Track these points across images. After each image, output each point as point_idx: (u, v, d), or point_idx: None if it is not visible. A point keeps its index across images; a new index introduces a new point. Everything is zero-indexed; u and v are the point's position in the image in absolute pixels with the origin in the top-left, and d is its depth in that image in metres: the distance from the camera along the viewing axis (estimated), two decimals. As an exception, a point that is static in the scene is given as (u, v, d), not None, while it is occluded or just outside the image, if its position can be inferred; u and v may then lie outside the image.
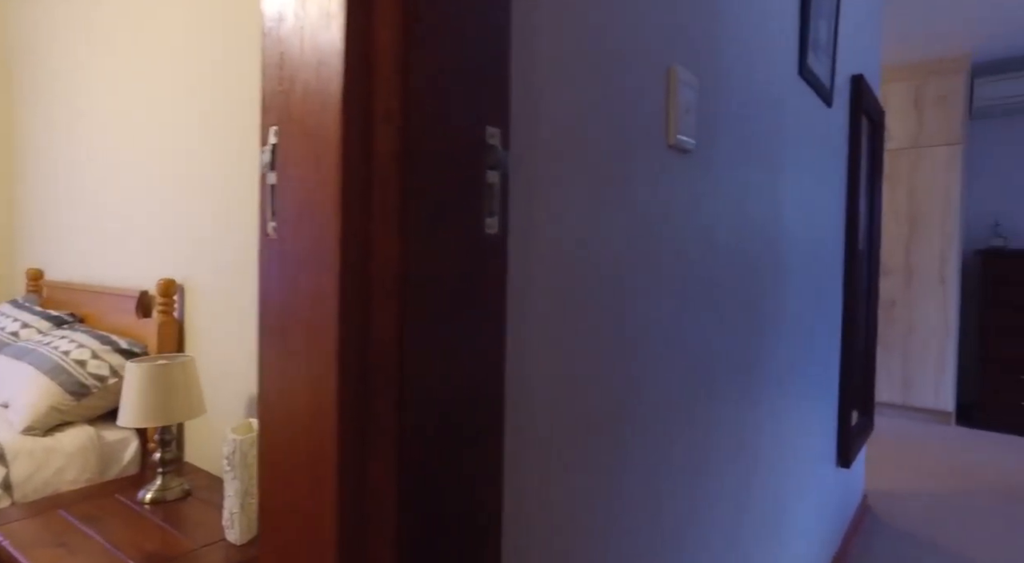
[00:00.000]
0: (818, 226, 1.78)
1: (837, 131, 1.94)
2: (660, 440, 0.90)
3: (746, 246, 1.23)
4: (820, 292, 1.82)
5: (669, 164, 0.88)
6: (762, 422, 1.36)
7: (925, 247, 3.95)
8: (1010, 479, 2.98)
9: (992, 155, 4.20)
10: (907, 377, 4.01)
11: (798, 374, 1.65)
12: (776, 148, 1.37)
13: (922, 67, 3.96)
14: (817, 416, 1.88)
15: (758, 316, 1.30)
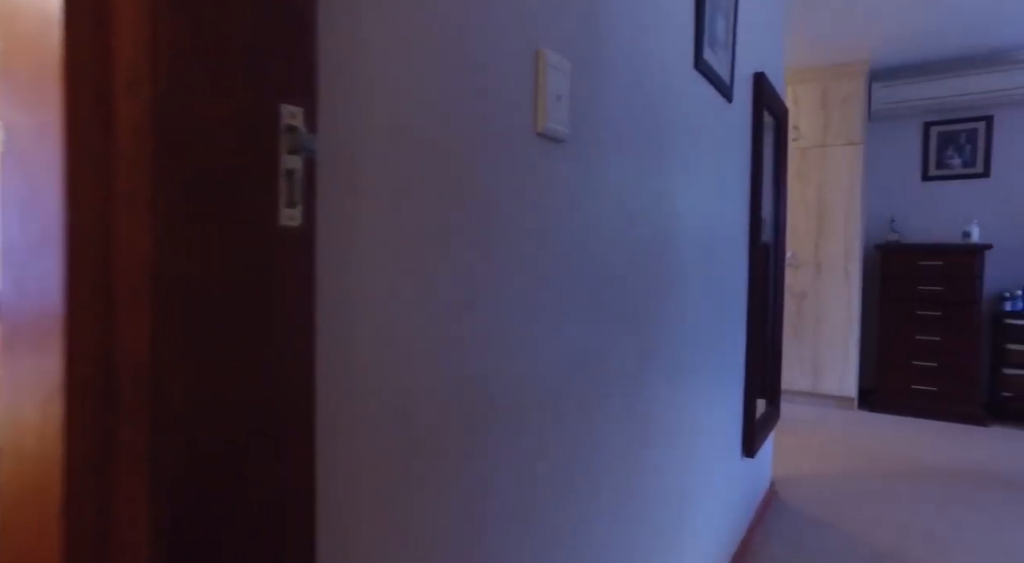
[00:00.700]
0: (720, 220, 1.80)
1: (739, 126, 1.97)
2: (533, 448, 0.86)
3: (637, 242, 1.20)
4: (723, 286, 1.84)
5: (540, 154, 0.83)
6: (659, 419, 1.35)
7: (832, 241, 4.14)
8: (904, 459, 3.16)
9: (888, 155, 4.44)
10: (816, 366, 4.20)
11: (701, 369, 1.66)
12: (671, 141, 1.36)
13: (828, 71, 4.14)
14: (722, 409, 1.90)
15: (651, 313, 1.28)
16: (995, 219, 4.06)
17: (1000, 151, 4.11)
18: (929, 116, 4.29)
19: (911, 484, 2.85)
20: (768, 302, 2.59)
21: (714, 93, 1.65)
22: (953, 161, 4.25)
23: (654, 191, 1.28)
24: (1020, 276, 4.00)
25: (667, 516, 1.43)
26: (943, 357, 3.89)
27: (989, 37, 3.79)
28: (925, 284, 3.94)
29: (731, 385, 2.01)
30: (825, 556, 2.18)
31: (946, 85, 4.08)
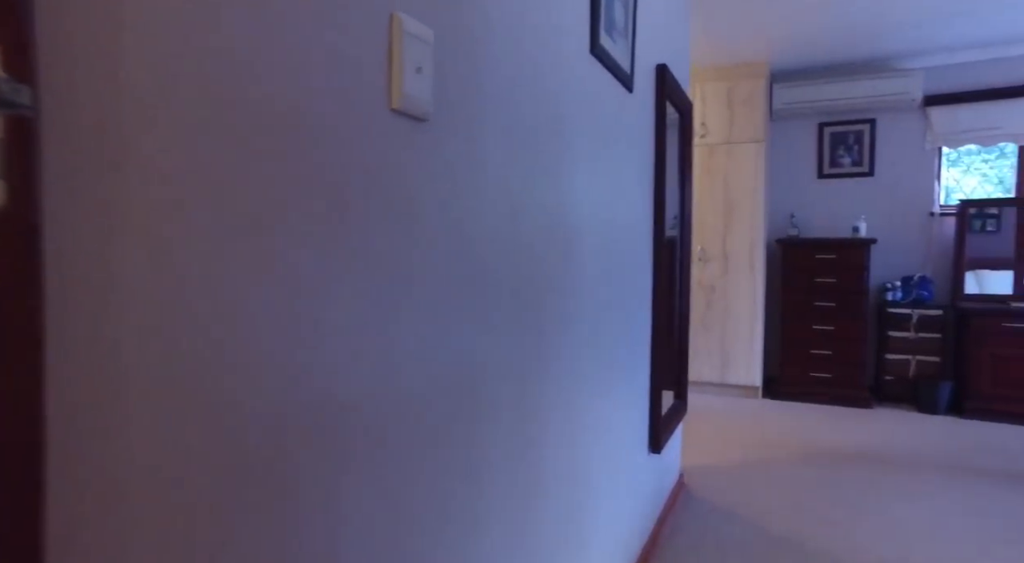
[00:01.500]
0: (623, 214, 1.76)
1: (642, 118, 1.94)
2: (401, 474, 0.75)
3: (528, 236, 1.12)
4: (627, 281, 1.80)
5: (396, 133, 0.73)
6: (559, 422, 1.28)
7: (738, 236, 4.27)
8: (802, 444, 3.29)
9: (788, 153, 4.64)
10: (725, 357, 4.33)
11: (604, 367, 1.61)
12: (567, 129, 1.29)
13: (732, 70, 4.26)
14: (627, 407, 1.87)
15: (547, 312, 1.21)
16: (879, 215, 4.32)
17: (882, 152, 4.38)
18: (823, 117, 4.52)
19: (809, 468, 2.96)
20: (675, 296, 2.61)
21: (613, 81, 1.60)
22: (843, 160, 4.49)
23: (547, 181, 1.20)
24: (900, 268, 4.28)
25: (570, 521, 1.36)
26: (837, 345, 4.11)
27: (872, 46, 4.02)
28: (821, 276, 4.14)
29: (637, 382, 1.99)
30: (730, 545, 2.21)
31: (836, 89, 4.30)
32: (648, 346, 2.12)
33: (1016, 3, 3.33)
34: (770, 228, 4.56)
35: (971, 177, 4.40)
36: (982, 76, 4.09)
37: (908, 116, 4.30)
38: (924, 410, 3.90)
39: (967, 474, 2.88)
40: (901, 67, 4.25)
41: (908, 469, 2.95)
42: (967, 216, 4.06)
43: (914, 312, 4.02)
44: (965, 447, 3.27)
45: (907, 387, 4.04)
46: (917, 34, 3.83)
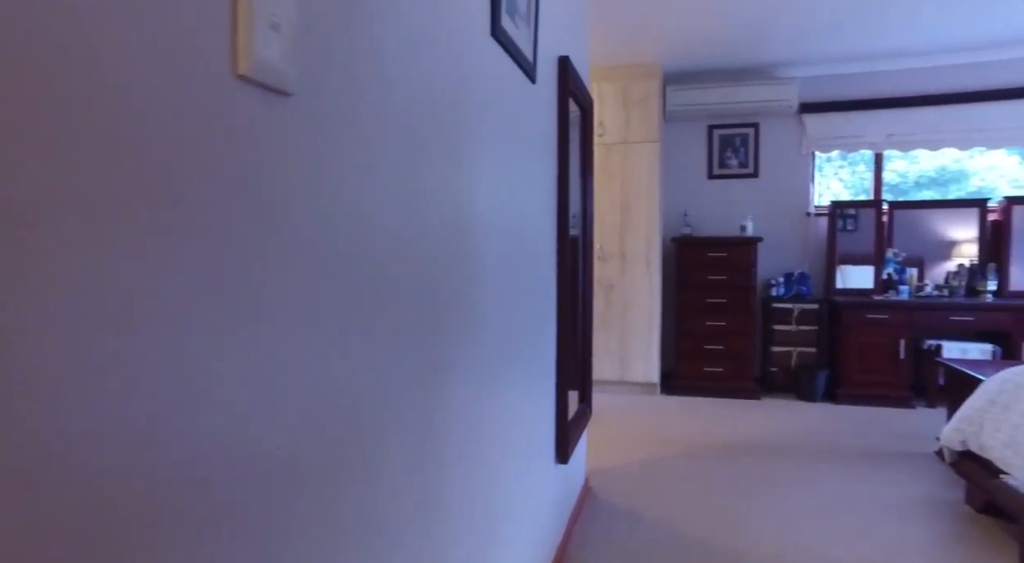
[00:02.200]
0: (527, 211, 1.64)
1: (545, 111, 1.83)
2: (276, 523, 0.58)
3: (425, 234, 0.97)
4: (531, 282, 1.69)
5: (246, 108, 0.55)
6: (461, 440, 1.14)
7: (635, 234, 4.32)
8: (699, 438, 3.37)
9: (681, 153, 4.78)
10: (624, 355, 4.37)
11: (508, 376, 1.48)
12: (468, 117, 1.15)
13: (627, 70, 4.30)
14: (533, 416, 1.76)
15: (448, 321, 1.06)
16: (763, 214, 4.55)
17: (765, 155, 4.62)
18: (712, 120, 4.68)
19: (707, 462, 3.02)
20: (579, 296, 2.55)
21: (516, 70, 1.48)
22: (731, 162, 4.69)
23: (450, 176, 1.05)
24: (782, 265, 4.53)
25: (474, 542, 1.23)
26: (728, 340, 4.27)
27: (756, 54, 4.21)
28: (713, 274, 4.28)
29: (542, 389, 1.89)
30: (639, 550, 2.18)
31: (724, 93, 4.47)
32: (553, 351, 2.03)
33: (880, 25, 3.59)
34: (665, 227, 4.67)
35: (832, 180, 4.74)
36: (849, 88, 4.40)
37: (786, 121, 4.55)
38: (804, 398, 4.15)
39: (844, 457, 3.06)
40: (781, 75, 4.49)
41: (795, 456, 3.09)
42: (837, 216, 4.36)
43: (795, 306, 4.26)
44: (840, 431, 3.49)
45: (790, 377, 4.28)
46: (795, 46, 4.05)
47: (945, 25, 3.68)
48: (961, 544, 2.20)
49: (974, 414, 2.35)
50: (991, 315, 3.89)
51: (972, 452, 2.37)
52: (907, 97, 4.28)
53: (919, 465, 2.97)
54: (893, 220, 4.34)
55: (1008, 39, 3.95)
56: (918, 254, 4.30)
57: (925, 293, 4.13)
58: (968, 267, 4.13)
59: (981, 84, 4.19)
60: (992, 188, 4.51)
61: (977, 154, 4.56)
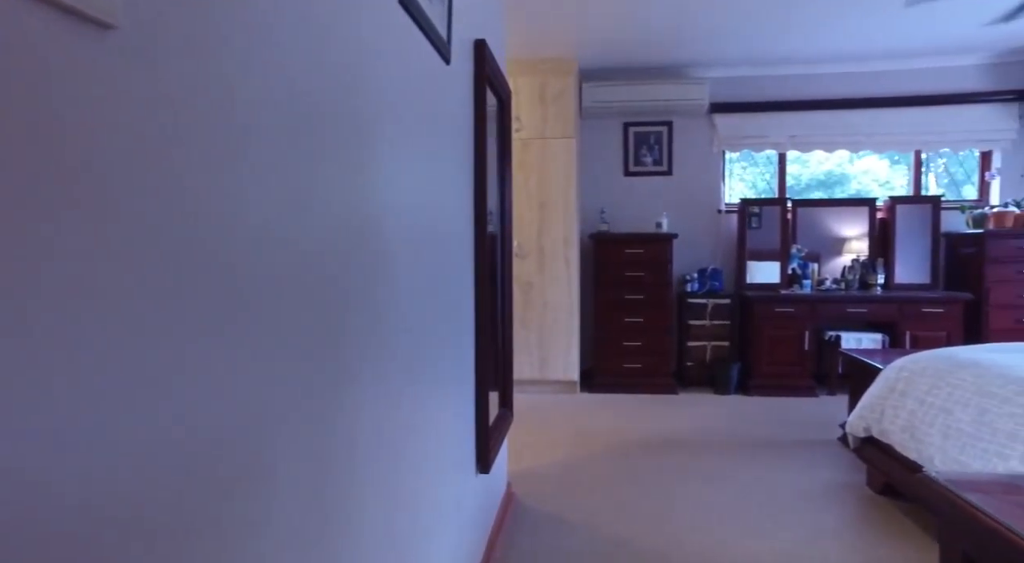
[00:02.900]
0: (443, 206, 1.51)
1: (460, 98, 1.70)
2: None
3: (320, 236, 0.82)
4: (447, 284, 1.56)
5: (49, 43, 0.39)
6: (369, 462, 0.99)
7: (553, 231, 4.28)
8: (619, 436, 3.36)
9: (597, 150, 4.79)
10: (543, 353, 4.32)
11: (421, 385, 1.35)
12: (370, 94, 1.00)
13: (544, 65, 4.24)
14: (451, 426, 1.63)
15: (348, 329, 0.92)
16: (678, 211, 4.63)
17: (678, 153, 4.71)
18: (627, 117, 4.72)
19: (628, 461, 3.00)
20: (498, 296, 2.44)
21: (428, 46, 1.34)
22: (646, 159, 4.75)
23: (349, 164, 0.91)
24: (696, 261, 4.64)
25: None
26: (646, 336, 4.31)
27: (669, 53, 4.26)
28: (631, 270, 4.31)
29: (462, 395, 1.76)
30: (563, 557, 2.10)
31: (639, 90, 4.51)
32: (473, 354, 1.90)
33: (784, 32, 3.72)
34: (583, 224, 4.66)
35: (735, 181, 4.92)
36: (756, 90, 4.56)
37: (698, 121, 4.65)
38: (719, 391, 4.25)
39: (757, 448, 3.14)
40: (693, 75, 4.58)
41: (711, 450, 3.13)
42: (746, 213, 4.51)
43: (709, 301, 4.36)
44: (752, 422, 3.59)
45: (705, 371, 4.38)
46: (707, 47, 4.14)
47: (842, 35, 3.87)
48: (867, 527, 2.28)
49: (875, 402, 2.45)
50: (880, 306, 4.14)
51: (874, 438, 2.47)
52: (808, 101, 4.49)
53: (825, 452, 3.09)
54: (797, 218, 4.54)
55: (899, 51, 4.21)
56: (815, 250, 4.52)
57: (825, 287, 4.34)
58: (860, 262, 4.39)
59: (872, 91, 4.45)
60: (868, 190, 4.85)
61: (856, 159, 4.89)
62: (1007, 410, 1.84)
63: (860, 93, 4.46)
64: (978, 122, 4.37)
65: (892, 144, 4.51)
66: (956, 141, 4.44)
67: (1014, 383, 1.91)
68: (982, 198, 4.57)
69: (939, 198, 4.39)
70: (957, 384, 2.07)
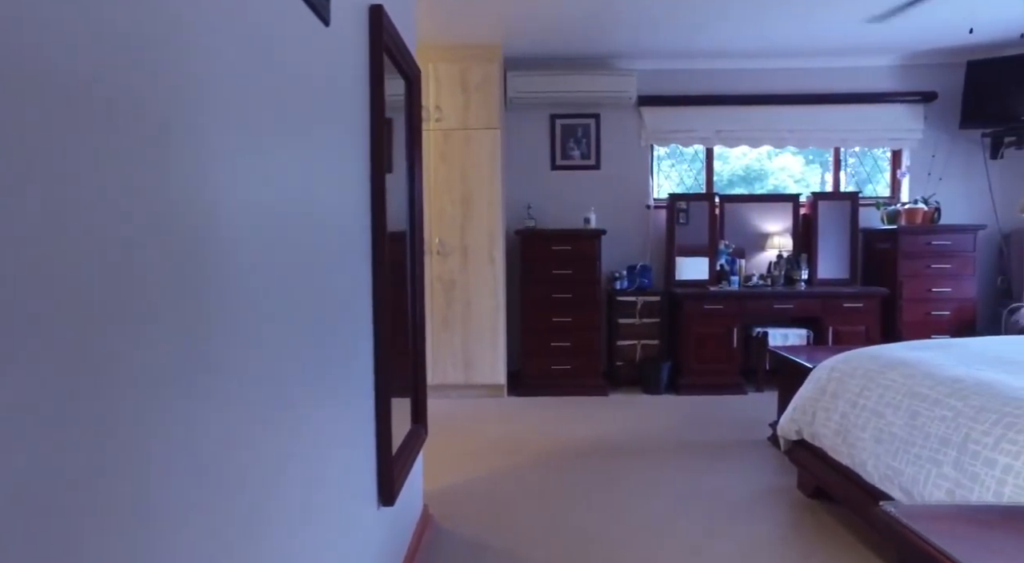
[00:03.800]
0: (321, 200, 1.25)
1: (347, 70, 1.44)
2: None
3: (96, 243, 0.55)
4: (330, 291, 1.30)
5: None
6: (222, 520, 0.73)
7: (477, 227, 4.05)
8: (547, 443, 3.18)
9: (523, 143, 4.59)
10: (468, 356, 4.09)
11: (296, 410, 1.09)
12: (190, 54, 0.74)
13: (466, 51, 4.00)
14: (342, 454, 1.38)
15: (142, 358, 0.65)
16: (606, 206, 4.50)
17: (606, 146, 4.58)
18: (554, 109, 4.55)
19: (557, 470, 2.82)
20: (408, 299, 2.19)
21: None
22: (574, 153, 4.59)
23: (152, 153, 0.64)
24: (625, 257, 4.52)
25: None
26: (575, 336, 4.16)
27: (596, 44, 4.11)
28: (558, 268, 4.14)
29: (356, 417, 1.50)
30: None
31: (566, 81, 4.34)
32: (371, 369, 1.65)
33: (710, 25, 3.63)
34: (508, 219, 4.46)
35: (660, 178, 4.85)
36: (684, 83, 4.49)
37: (626, 114, 4.54)
38: (649, 391, 4.15)
39: (687, 452, 3.03)
40: (621, 67, 4.46)
41: (642, 455, 3.00)
42: (675, 209, 4.44)
43: (638, 299, 4.26)
44: (683, 424, 3.49)
45: (635, 370, 4.27)
46: (634, 38, 4.01)
47: (769, 31, 3.82)
48: (802, 535, 2.18)
49: (806, 404, 2.37)
50: (805, 302, 4.16)
51: (806, 441, 2.39)
52: (735, 95, 4.46)
53: (756, 453, 3.01)
54: (724, 213, 4.50)
55: (821, 50, 4.23)
56: (740, 246, 4.50)
57: (752, 283, 4.33)
58: (785, 258, 4.40)
59: (796, 88, 4.47)
60: (785, 186, 4.90)
61: (775, 156, 4.94)
62: (938, 413, 1.76)
63: (785, 89, 4.46)
64: (890, 121, 4.47)
65: (813, 140, 4.55)
66: (871, 139, 4.53)
67: (943, 384, 1.84)
68: (894, 195, 4.69)
69: (857, 194, 4.45)
70: (888, 386, 1.99)
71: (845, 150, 4.76)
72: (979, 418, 1.64)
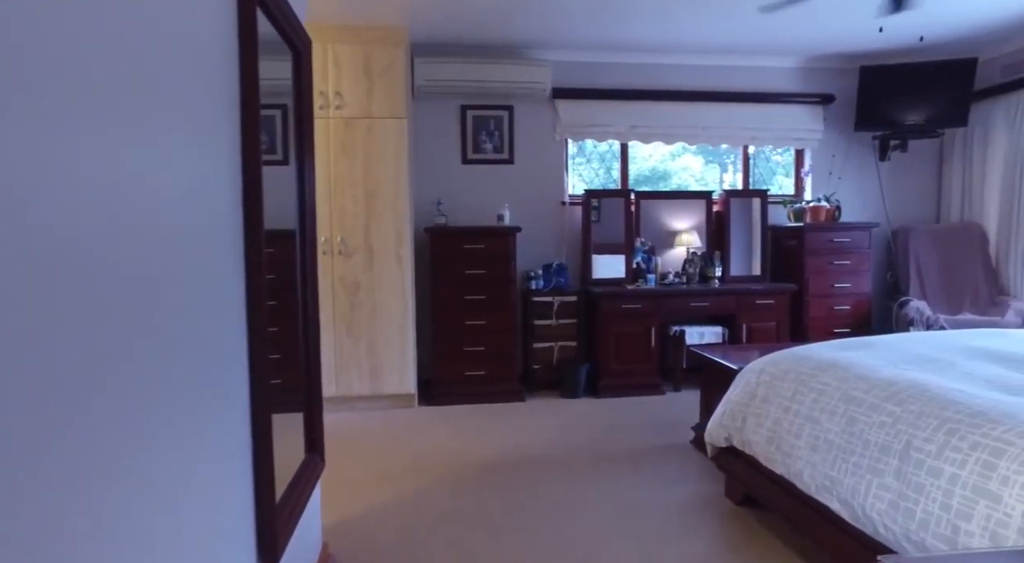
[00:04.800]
0: (149, 192, 0.93)
1: (204, 29, 1.12)
2: None
3: None
4: (177, 306, 0.98)
5: None
6: None
7: (383, 224, 3.72)
8: (462, 459, 2.92)
9: (433, 135, 4.30)
10: (375, 364, 3.75)
11: (125, 461, 0.78)
12: None
13: (369, 33, 3.66)
14: (201, 501, 1.06)
15: None
16: (520, 203, 4.30)
17: (520, 140, 4.38)
18: (465, 100, 4.29)
19: (471, 491, 2.57)
20: (299, 307, 1.86)
21: None
22: (486, 146, 4.36)
23: None
24: (540, 256, 4.35)
25: None
26: (489, 339, 3.93)
27: (509, 32, 3.90)
28: (471, 267, 3.89)
29: (223, 459, 1.19)
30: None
31: (477, 70, 4.10)
32: (246, 397, 1.33)
33: (626, 18, 3.51)
34: (417, 216, 4.16)
35: (571, 176, 4.74)
36: (600, 77, 4.37)
37: (540, 106, 4.36)
38: (568, 395, 4.00)
39: (609, 461, 2.88)
40: (535, 57, 4.27)
41: (563, 468, 2.81)
42: (591, 206, 4.31)
43: (555, 299, 4.09)
44: (603, 430, 3.35)
45: (552, 373, 4.10)
46: (549, 27, 3.83)
47: (685, 26, 3.76)
48: (734, 547, 2.06)
49: (736, 409, 2.26)
50: (720, 300, 4.16)
51: (735, 447, 2.28)
52: (650, 90, 4.39)
53: (680, 458, 2.91)
54: (640, 210, 4.43)
55: (734, 47, 4.24)
56: (651, 243, 4.44)
57: (668, 281, 4.28)
58: (700, 255, 4.39)
59: (710, 85, 4.47)
60: (687, 185, 4.93)
61: (679, 156, 4.96)
62: (876, 419, 1.68)
63: (699, 86, 4.45)
64: (794, 122, 4.57)
65: (725, 138, 4.57)
66: (777, 138, 4.62)
67: (878, 387, 1.76)
68: (798, 193, 4.82)
69: (766, 192, 4.52)
70: (821, 389, 1.90)
71: (738, 152, 4.83)
72: (919, 424, 1.56)
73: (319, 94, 3.64)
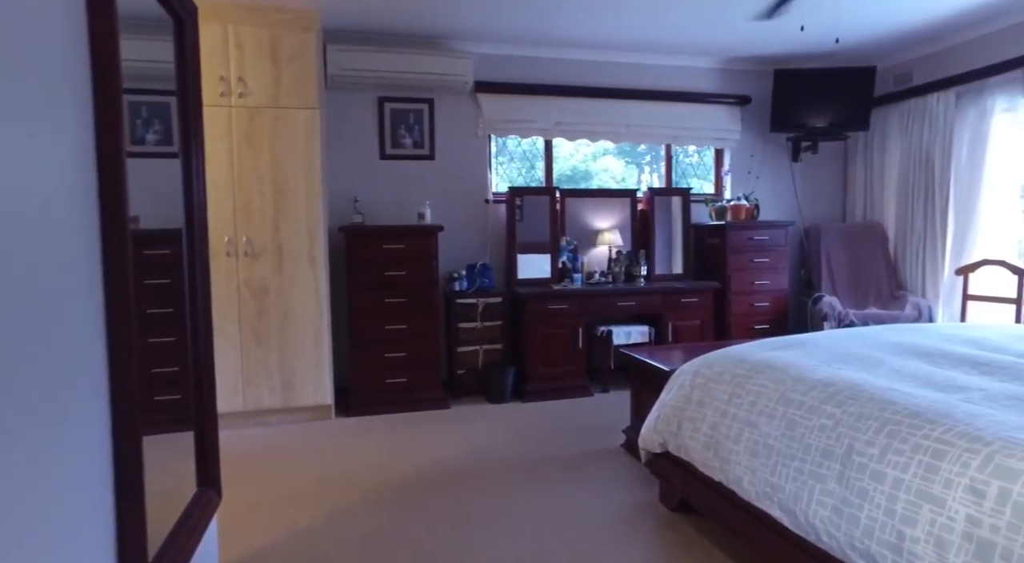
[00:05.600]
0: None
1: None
2: None
3: None
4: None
5: None
6: None
7: (293, 223, 3.43)
8: (384, 476, 2.71)
9: (348, 128, 4.04)
10: (287, 375, 3.45)
11: None
12: None
13: (276, 15, 3.36)
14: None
15: None
16: (442, 201, 4.11)
17: (440, 135, 4.19)
18: (384, 91, 4.05)
19: (393, 512, 2.36)
20: (188, 318, 1.60)
21: None
22: (406, 141, 4.13)
23: None
24: (464, 256, 4.17)
25: None
26: (411, 345, 3.71)
27: (430, 21, 3.70)
28: (391, 269, 3.67)
29: (67, 516, 0.95)
30: None
31: (396, 60, 3.88)
32: (107, 433, 1.08)
33: (551, 11, 3.41)
34: (332, 214, 3.88)
35: (495, 175, 4.61)
36: (524, 71, 4.24)
37: (462, 100, 4.18)
38: (494, 400, 3.85)
39: (540, 470, 2.75)
40: (457, 49, 4.09)
41: (491, 480, 2.65)
42: (515, 204, 4.18)
43: (479, 301, 3.93)
44: (531, 436, 3.22)
45: (478, 378, 3.94)
46: (471, 18, 3.66)
47: (611, 22, 3.70)
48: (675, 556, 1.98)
49: (671, 413, 2.18)
50: (646, 298, 4.14)
51: (670, 453, 2.21)
52: (575, 87, 4.31)
53: (610, 463, 2.82)
54: (565, 209, 4.34)
55: (658, 46, 4.23)
56: (575, 241, 4.37)
57: (595, 281, 4.21)
58: (625, 254, 4.36)
59: (635, 83, 4.44)
60: (607, 185, 4.92)
61: (600, 156, 4.94)
62: (816, 422, 1.63)
63: (624, 84, 4.42)
64: (714, 121, 4.64)
65: (649, 136, 4.57)
66: (699, 137, 4.66)
67: (815, 388, 1.72)
68: (718, 192, 4.90)
69: (689, 190, 4.55)
70: (759, 392, 1.85)
71: (657, 154, 4.87)
72: (860, 426, 1.51)
73: (220, 80, 3.30)
